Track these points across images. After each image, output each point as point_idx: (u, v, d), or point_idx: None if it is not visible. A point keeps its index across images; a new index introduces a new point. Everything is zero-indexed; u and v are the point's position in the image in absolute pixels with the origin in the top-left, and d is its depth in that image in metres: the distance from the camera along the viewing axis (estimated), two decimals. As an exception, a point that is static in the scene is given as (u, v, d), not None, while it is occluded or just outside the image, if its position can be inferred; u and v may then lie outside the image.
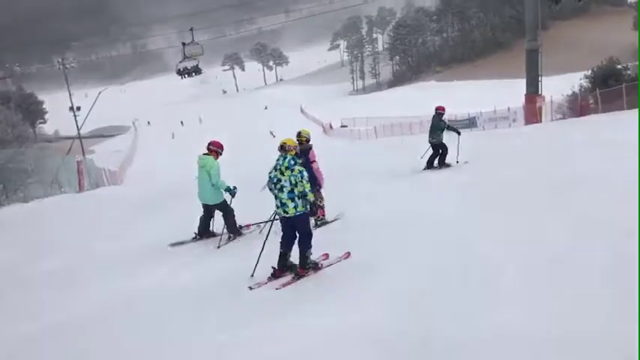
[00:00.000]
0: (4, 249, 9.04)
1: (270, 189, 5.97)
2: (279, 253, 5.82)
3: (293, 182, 5.71)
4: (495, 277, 4.28)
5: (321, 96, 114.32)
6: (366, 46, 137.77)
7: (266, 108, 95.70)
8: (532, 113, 29.56)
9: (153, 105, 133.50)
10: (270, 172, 5.96)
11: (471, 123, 36.19)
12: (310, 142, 8.50)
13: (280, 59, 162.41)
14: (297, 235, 5.79)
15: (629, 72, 30.59)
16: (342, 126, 62.77)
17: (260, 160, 31.71)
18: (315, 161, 8.27)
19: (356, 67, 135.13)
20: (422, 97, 78.68)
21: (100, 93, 45.50)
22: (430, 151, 12.75)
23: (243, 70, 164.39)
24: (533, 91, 30.02)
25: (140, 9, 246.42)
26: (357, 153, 25.99)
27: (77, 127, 46.32)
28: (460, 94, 71.13)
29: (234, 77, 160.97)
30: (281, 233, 5.92)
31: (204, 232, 8.39)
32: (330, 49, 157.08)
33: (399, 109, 58.77)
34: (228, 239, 8.19)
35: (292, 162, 5.78)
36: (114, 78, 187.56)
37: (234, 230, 8.27)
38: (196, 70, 29.07)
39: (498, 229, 5.88)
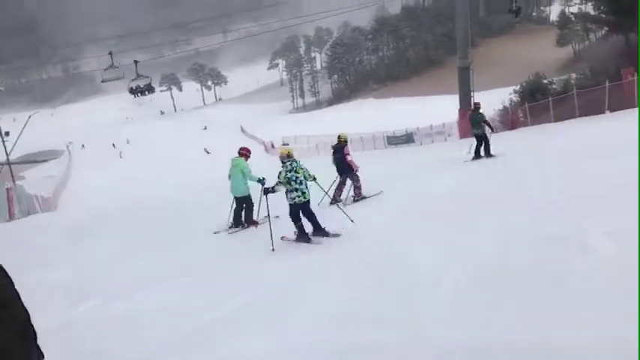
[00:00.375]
0: None
1: (288, 187, 7.63)
2: (298, 227, 7.62)
3: (306, 176, 7.83)
4: (433, 289, 4.34)
5: (261, 115, 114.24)
6: (305, 65, 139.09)
7: (205, 128, 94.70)
8: (466, 128, 30.51)
9: (86, 128, 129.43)
10: (280, 176, 7.66)
11: (408, 138, 37.03)
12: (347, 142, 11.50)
13: (219, 79, 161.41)
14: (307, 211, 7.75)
15: (554, 86, 32.28)
16: (284, 144, 62.84)
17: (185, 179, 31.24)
18: (349, 154, 11.03)
19: (295, 85, 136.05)
20: (361, 114, 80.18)
21: (30, 117, 43.81)
22: (474, 143, 14.08)
23: (180, 90, 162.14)
24: (466, 107, 31.06)
25: (72, 30, 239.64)
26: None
27: (6, 152, 44.23)
28: (397, 111, 72.93)
29: (172, 98, 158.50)
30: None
31: (237, 221, 9.82)
32: (269, 68, 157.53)
33: (340, 127, 59.43)
34: (243, 227, 9.71)
35: (299, 163, 7.85)
36: (44, 101, 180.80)
37: (249, 221, 9.77)
38: (149, 89, 28.44)
39: (434, 240, 6.00)
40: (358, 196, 10.64)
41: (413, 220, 7.58)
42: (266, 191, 7.97)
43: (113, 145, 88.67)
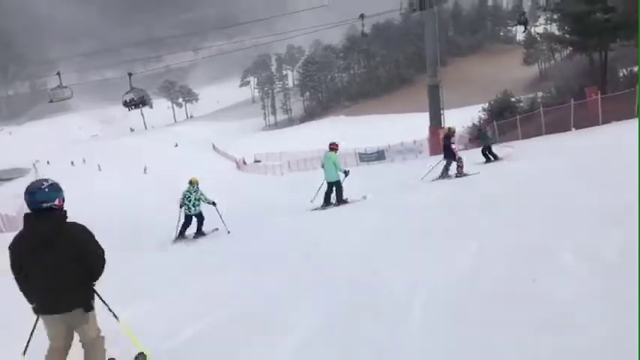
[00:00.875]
0: None
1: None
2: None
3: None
4: (405, 308, 4.29)
5: (233, 132, 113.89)
6: (277, 83, 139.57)
7: (176, 145, 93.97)
8: (436, 145, 30.88)
9: (52, 145, 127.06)
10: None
11: (380, 155, 37.25)
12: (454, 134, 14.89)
13: (190, 96, 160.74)
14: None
15: (522, 104, 32.96)
16: (256, 161, 62.64)
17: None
18: (454, 144, 14.44)
19: (267, 103, 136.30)
20: (333, 131, 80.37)
21: (-6, 134, 42.71)
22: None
23: (151, 107, 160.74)
24: (436, 124, 31.48)
25: (42, 46, 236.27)
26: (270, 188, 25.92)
27: (-31, 171, 43.06)
28: (369, 128, 73.53)
29: (142, 115, 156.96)
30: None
31: (327, 201, 12.30)
32: (240, 86, 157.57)
33: (312, 144, 59.59)
34: (335, 205, 12.11)
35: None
36: (10, 118, 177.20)
37: (340, 200, 12.16)
38: (143, 102, 27.79)
39: (404, 256, 5.97)
40: (460, 174, 13.66)
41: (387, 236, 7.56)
42: (346, 174, 12.50)
43: (83, 160, 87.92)
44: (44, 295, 3.63)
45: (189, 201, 11.35)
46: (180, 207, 11.50)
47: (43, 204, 3.56)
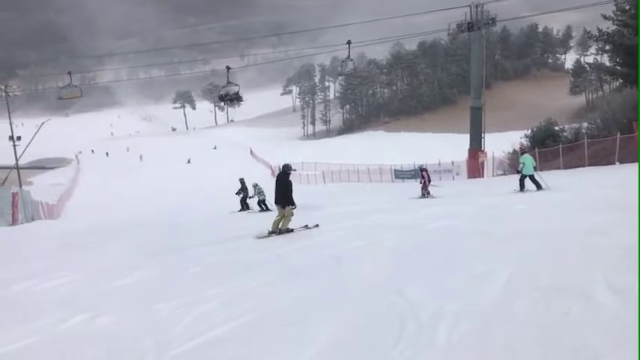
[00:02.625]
0: None
1: None
2: None
3: None
4: (431, 329, 4.21)
5: (271, 139, 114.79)
6: (318, 94, 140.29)
7: (215, 148, 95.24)
8: (475, 168, 30.56)
9: (96, 138, 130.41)
10: None
11: (416, 174, 36.92)
12: None
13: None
14: None
15: (565, 134, 32.25)
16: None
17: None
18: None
19: (307, 113, 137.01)
20: (370, 146, 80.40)
21: (42, 123, 44.19)
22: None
23: (194, 108, 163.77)
24: (476, 147, 31.12)
25: (93, 42, 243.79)
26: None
27: (16, 157, 44.51)
28: (407, 145, 73.06)
29: (185, 115, 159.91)
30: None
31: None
32: (282, 94, 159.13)
33: (348, 157, 59.67)
34: None
35: None
36: (58, 109, 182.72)
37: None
38: (237, 98, 28.31)
39: (429, 277, 5.87)
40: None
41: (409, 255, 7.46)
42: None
43: (127, 148, 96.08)
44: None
45: (259, 193, 20.60)
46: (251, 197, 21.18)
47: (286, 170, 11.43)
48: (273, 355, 4.14)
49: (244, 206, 22.01)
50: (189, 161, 79.05)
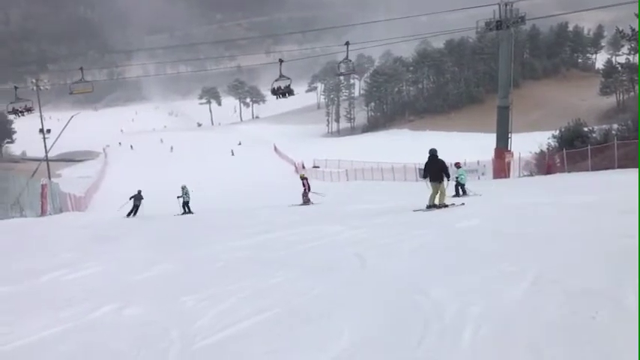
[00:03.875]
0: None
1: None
2: None
3: None
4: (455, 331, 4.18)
5: (295, 136, 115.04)
6: (343, 91, 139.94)
7: (240, 144, 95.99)
8: (501, 168, 30.21)
9: (124, 132, 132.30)
10: None
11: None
12: None
13: (257, 97, 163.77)
14: None
15: (594, 135, 31.65)
16: (315, 166, 63.13)
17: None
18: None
19: (332, 110, 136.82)
20: (395, 144, 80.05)
21: (72, 117, 44.97)
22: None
23: (219, 104, 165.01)
24: (502, 146, 30.76)
25: (124, 38, 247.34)
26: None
27: (45, 149, 45.42)
28: (432, 144, 72.32)
29: (210, 111, 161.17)
30: None
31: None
32: (307, 91, 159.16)
33: (372, 154, 59.51)
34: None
35: None
36: (87, 103, 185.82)
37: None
38: (289, 91, 28.79)
39: (453, 277, 5.82)
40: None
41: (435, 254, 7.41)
42: None
43: (161, 140, 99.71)
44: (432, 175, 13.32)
45: (185, 194, 22.65)
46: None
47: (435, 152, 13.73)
48: (298, 351, 4.16)
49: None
50: (232, 153, 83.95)
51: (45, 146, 45.39)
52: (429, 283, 5.66)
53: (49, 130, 46.69)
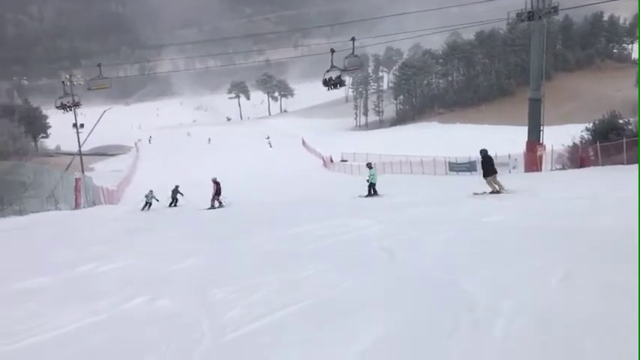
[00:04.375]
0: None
1: None
2: None
3: None
4: (483, 326, 4.13)
5: (323, 129, 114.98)
6: (372, 84, 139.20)
7: (268, 137, 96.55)
8: (532, 161, 29.70)
9: (156, 127, 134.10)
10: None
11: (471, 166, 36.30)
12: None
13: (286, 91, 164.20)
14: None
15: (630, 127, 30.79)
16: (343, 160, 63.07)
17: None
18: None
19: (360, 103, 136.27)
20: (424, 138, 79.32)
21: (104, 112, 45.79)
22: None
23: (248, 99, 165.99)
24: (534, 139, 30.23)
25: (155, 33, 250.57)
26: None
27: (79, 143, 46.38)
28: (462, 138, 71.63)
29: (239, 105, 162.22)
30: None
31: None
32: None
33: (401, 148, 59.09)
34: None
35: None
36: (119, 98, 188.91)
37: None
38: (340, 82, 29.23)
39: (484, 271, 5.75)
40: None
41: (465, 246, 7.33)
42: None
43: (188, 133, 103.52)
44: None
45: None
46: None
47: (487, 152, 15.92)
48: (328, 343, 4.16)
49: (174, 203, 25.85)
50: (270, 144, 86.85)
51: (78, 141, 46.36)
52: (458, 277, 5.60)
53: (82, 125, 47.63)
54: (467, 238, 8.36)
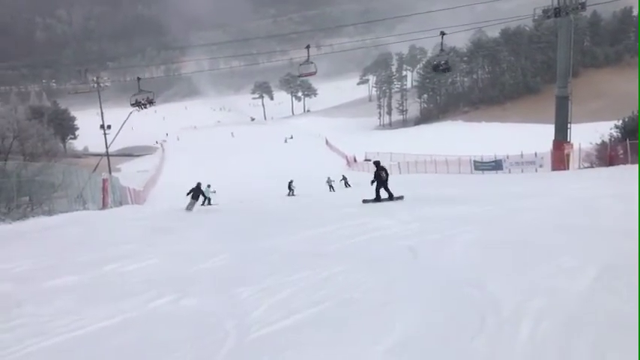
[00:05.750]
0: (23, 260, 9.11)
1: None
2: None
3: None
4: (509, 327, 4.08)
5: (346, 129, 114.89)
6: (395, 83, 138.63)
7: (292, 137, 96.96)
8: (559, 160, 29.24)
9: (182, 128, 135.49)
10: None
11: (497, 165, 35.93)
12: None
13: (309, 91, 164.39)
14: None
15: (661, 124, 30.09)
16: (366, 159, 62.89)
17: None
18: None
19: (383, 102, 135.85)
20: (449, 136, 78.74)
21: (130, 113, 46.44)
22: None
23: (272, 99, 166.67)
24: (561, 138, 29.75)
25: (180, 34, 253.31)
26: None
27: (106, 144, 47.11)
28: (487, 136, 70.88)
29: (263, 106, 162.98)
30: None
31: None
32: (359, 84, 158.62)
33: (425, 147, 58.70)
34: None
35: None
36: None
37: None
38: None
39: (510, 271, 5.67)
40: None
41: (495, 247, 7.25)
42: None
43: (232, 134, 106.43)
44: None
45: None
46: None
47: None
48: (353, 343, 4.16)
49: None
50: (286, 140, 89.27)
51: (105, 142, 47.10)
52: (484, 277, 5.55)
53: (109, 126, 48.34)
54: (493, 237, 8.26)
